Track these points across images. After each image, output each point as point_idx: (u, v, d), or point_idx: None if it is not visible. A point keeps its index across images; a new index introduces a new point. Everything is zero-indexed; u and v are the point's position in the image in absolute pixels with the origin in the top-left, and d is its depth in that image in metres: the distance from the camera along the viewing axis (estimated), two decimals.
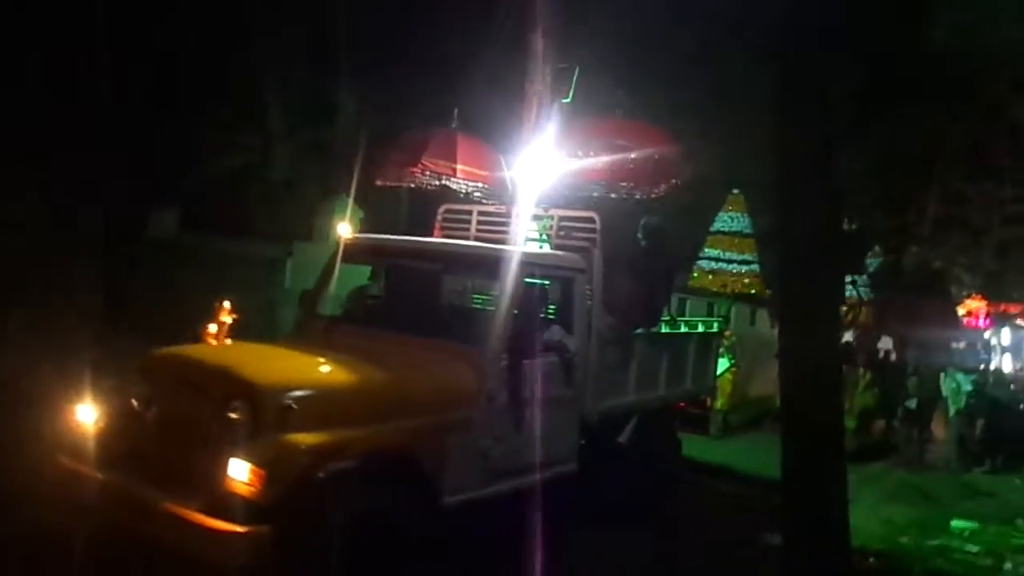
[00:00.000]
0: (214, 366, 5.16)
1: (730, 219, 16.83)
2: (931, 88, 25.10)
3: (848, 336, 17.50)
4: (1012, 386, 18.43)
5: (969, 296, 28.16)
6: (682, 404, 8.74)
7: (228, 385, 4.92)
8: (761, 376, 18.56)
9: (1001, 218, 27.53)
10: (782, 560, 5.49)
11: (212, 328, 7.76)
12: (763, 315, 19.02)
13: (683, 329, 8.54)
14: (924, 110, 25.48)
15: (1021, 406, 15.46)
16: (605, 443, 7.17)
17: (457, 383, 5.76)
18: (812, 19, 5.15)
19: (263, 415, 4.76)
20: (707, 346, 8.95)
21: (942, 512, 9.65)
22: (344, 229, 7.13)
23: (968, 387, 13.79)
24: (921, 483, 11.77)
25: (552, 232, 7.09)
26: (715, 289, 16.37)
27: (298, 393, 4.91)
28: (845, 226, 18.32)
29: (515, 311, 6.09)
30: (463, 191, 7.28)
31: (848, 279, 18.85)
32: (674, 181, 7.39)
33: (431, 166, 7.05)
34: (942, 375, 14.28)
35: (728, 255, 16.55)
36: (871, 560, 7.39)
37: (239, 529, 4.50)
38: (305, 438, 4.76)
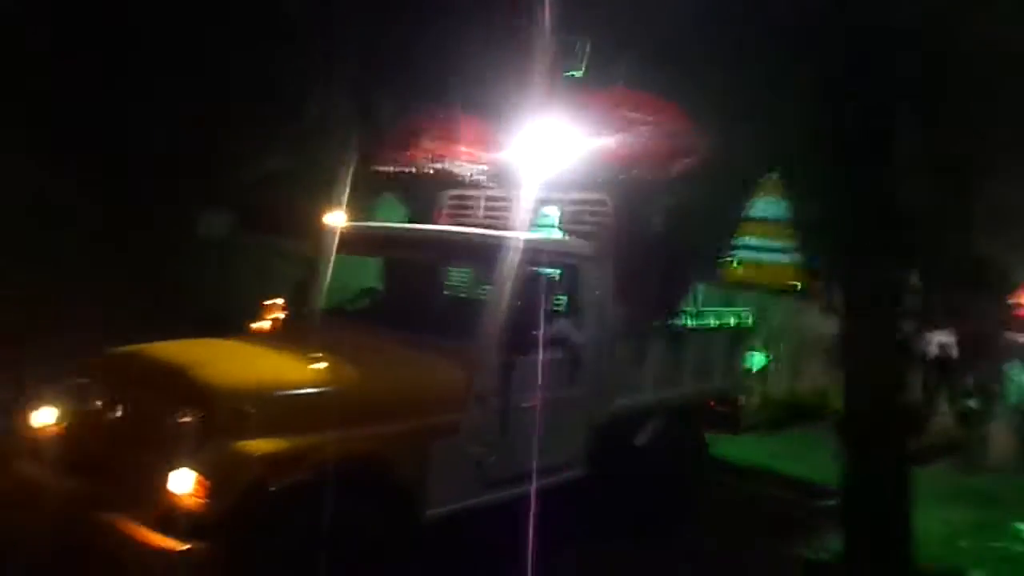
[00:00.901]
0: (168, 365, 4.55)
1: (766, 205, 15.62)
2: (984, 82, 23.70)
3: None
4: None
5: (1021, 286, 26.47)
6: (711, 403, 7.87)
7: (179, 387, 4.31)
8: (801, 373, 17.62)
9: None
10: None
11: (263, 326, 7.18)
12: (800, 308, 17.91)
13: (710, 322, 7.67)
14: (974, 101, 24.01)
15: None
16: (618, 446, 6.38)
17: (444, 383, 5.06)
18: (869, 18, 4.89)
19: (215, 420, 4.14)
20: (737, 340, 8.07)
21: (1005, 514, 8.98)
22: (336, 218, 6.47)
23: None
24: (982, 484, 10.80)
25: (563, 216, 6.34)
26: (755, 279, 15.19)
27: (256, 396, 4.28)
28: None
29: (513, 303, 5.36)
30: (467, 175, 6.57)
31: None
32: (689, 159, 6.57)
33: (432, 149, 6.38)
34: (1006, 371, 13.14)
35: (765, 243, 15.29)
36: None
37: (176, 546, 3.88)
38: (260, 445, 4.12)
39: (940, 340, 19.37)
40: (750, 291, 15.28)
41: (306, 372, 4.62)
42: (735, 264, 15.66)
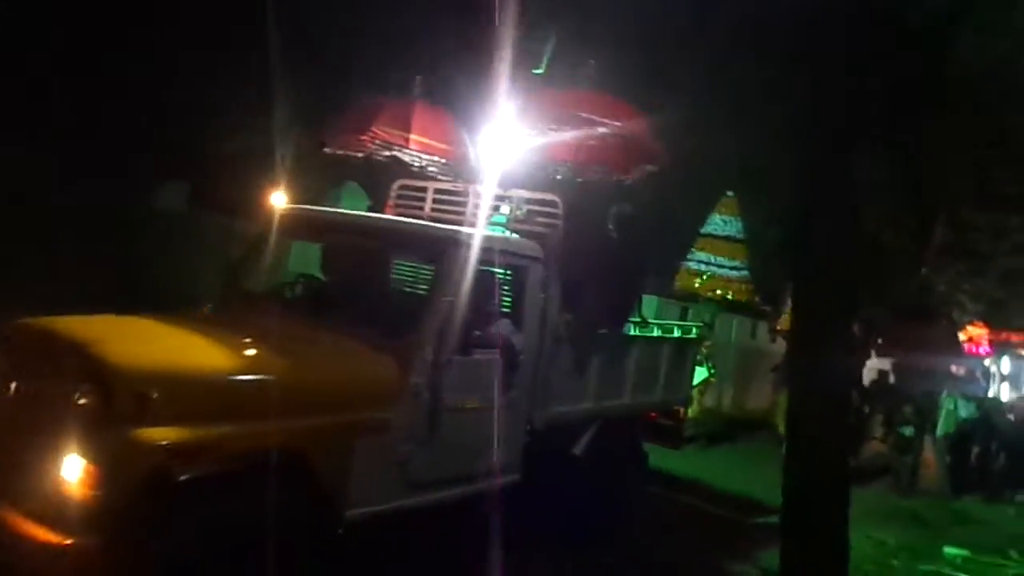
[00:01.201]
0: (68, 340, 4.14)
1: (723, 222, 15.60)
2: (943, 115, 24.10)
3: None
4: (1010, 415, 17.23)
5: (971, 323, 26.92)
6: (652, 415, 7.64)
7: (77, 364, 3.92)
8: (745, 388, 17.56)
9: (1010, 246, 26.30)
10: None
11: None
12: (745, 325, 17.87)
13: (656, 333, 7.44)
14: (936, 134, 24.43)
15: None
16: (554, 453, 6.12)
17: (373, 378, 4.73)
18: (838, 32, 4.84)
19: (115, 403, 3.76)
20: (683, 353, 7.85)
21: (934, 538, 9.16)
22: (278, 199, 6.10)
23: (963, 412, 12.93)
24: (913, 507, 11.03)
25: (514, 215, 6.05)
26: (706, 294, 15.11)
27: (161, 379, 3.89)
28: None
29: (452, 300, 5.06)
30: (416, 165, 6.25)
31: None
32: (649, 167, 6.34)
33: (382, 135, 6.05)
34: (940, 400, 13.35)
35: (719, 260, 15.30)
36: None
37: (61, 541, 3.51)
38: (162, 433, 3.75)
39: (878, 367, 19.53)
40: (701, 304, 15.20)
41: (222, 357, 4.26)
42: (689, 277, 15.61)
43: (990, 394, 21.40)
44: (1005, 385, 24.03)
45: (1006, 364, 24.71)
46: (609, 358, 6.54)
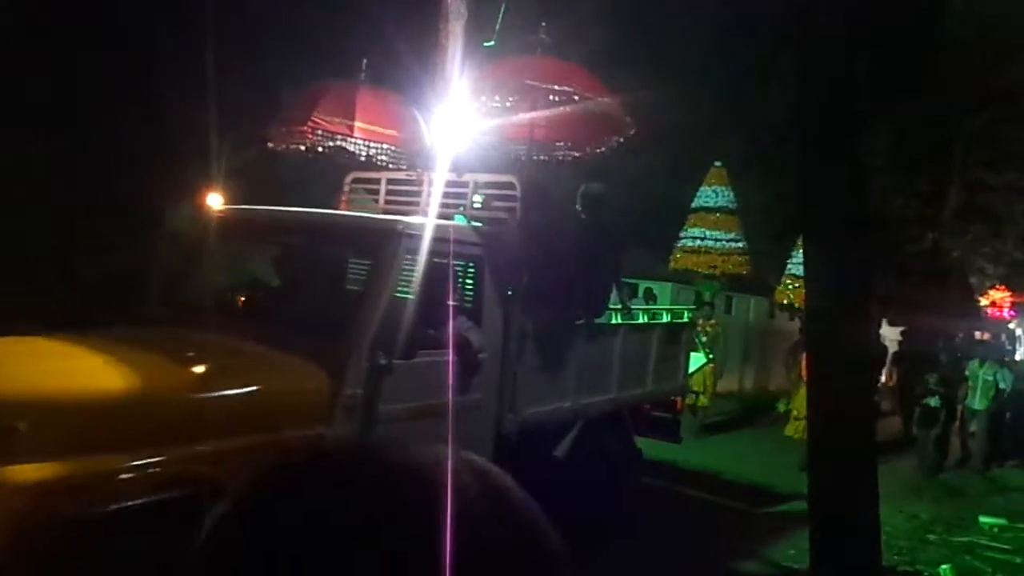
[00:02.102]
0: None
1: (714, 194, 14.62)
2: (949, 76, 23.18)
3: None
4: None
5: (993, 287, 25.80)
6: (646, 407, 6.91)
7: None
8: (760, 370, 16.70)
9: None
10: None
11: None
12: (763, 305, 16.98)
13: (641, 319, 6.72)
14: (943, 98, 23.51)
15: None
16: (532, 459, 5.41)
17: (298, 391, 4.07)
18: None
19: None
20: (674, 339, 7.10)
21: (969, 508, 8.71)
22: (214, 200, 5.46)
23: (1003, 384, 11.23)
24: (946, 479, 10.43)
25: (471, 202, 5.37)
26: (705, 271, 14.15)
27: (31, 408, 3.27)
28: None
29: (395, 297, 4.39)
30: (363, 154, 5.58)
31: None
32: (616, 139, 5.61)
33: (323, 124, 5.38)
34: (972, 368, 11.70)
35: (714, 234, 14.29)
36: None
37: None
38: (32, 471, 3.13)
39: (891, 336, 18.43)
40: (700, 283, 14.32)
41: (114, 379, 3.61)
42: (678, 255, 14.73)
43: (1017, 357, 20.24)
44: None
45: None
46: (588, 350, 5.83)
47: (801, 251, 14.58)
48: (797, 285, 13.75)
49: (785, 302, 14.68)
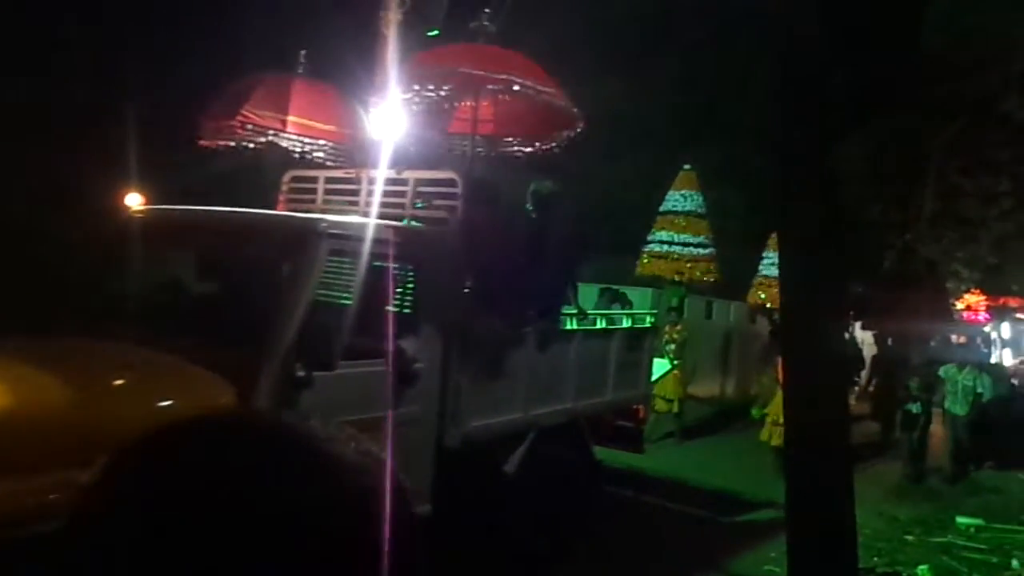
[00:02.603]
0: None
1: (683, 198, 14.16)
2: (926, 84, 23.02)
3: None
4: (1013, 380, 15.78)
5: (968, 291, 25.58)
6: (607, 417, 6.44)
7: None
8: (739, 375, 16.26)
9: (999, 212, 25.00)
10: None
11: None
12: (742, 310, 16.56)
13: (600, 325, 6.27)
14: (919, 106, 23.35)
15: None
16: (478, 473, 4.96)
17: (202, 407, 3.58)
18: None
19: None
20: (636, 345, 6.65)
21: (946, 509, 8.59)
22: (133, 200, 4.98)
23: (981, 389, 10.68)
24: (925, 482, 10.16)
25: (411, 202, 4.91)
26: (672, 276, 13.66)
27: None
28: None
29: (312, 303, 3.93)
30: (297, 150, 5.12)
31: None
32: (568, 133, 5.17)
33: (253, 118, 4.92)
34: (949, 373, 11.08)
35: (683, 238, 13.80)
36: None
37: None
38: None
39: (867, 340, 18.02)
40: (668, 288, 13.88)
41: None
42: (645, 260, 14.27)
43: (992, 360, 19.89)
44: (1007, 351, 22.63)
45: (1006, 329, 23.37)
46: (540, 358, 5.37)
47: (771, 253, 14.34)
48: (770, 286, 13.36)
49: (760, 299, 14.28)
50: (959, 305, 25.23)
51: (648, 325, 6.77)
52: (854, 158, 21.54)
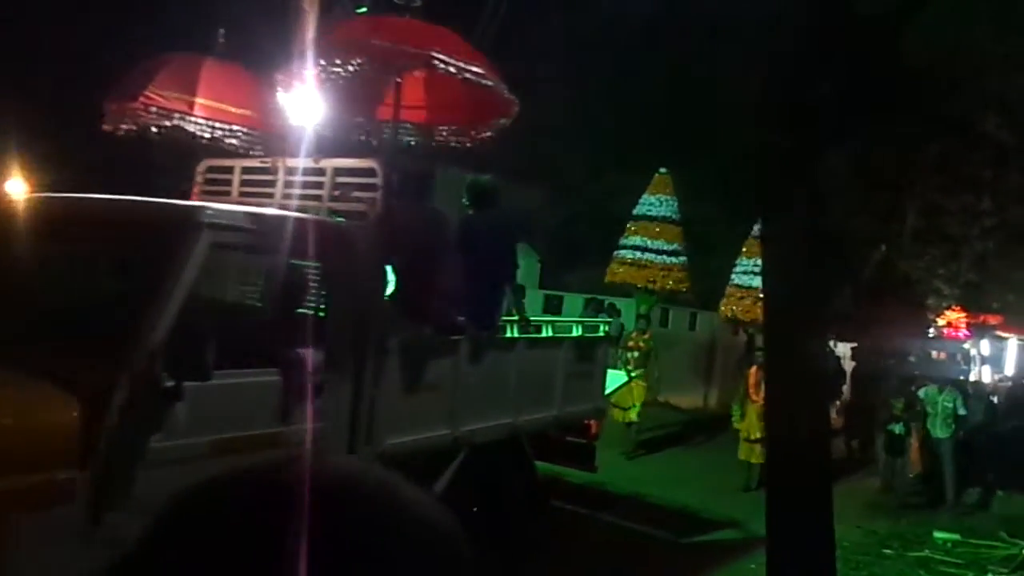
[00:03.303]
0: None
1: (657, 202, 13.49)
2: (905, 103, 22.78)
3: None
4: (993, 398, 15.13)
5: (949, 307, 25.18)
6: (556, 432, 5.81)
7: None
8: (710, 386, 15.66)
9: (980, 230, 24.64)
10: None
11: None
12: (712, 318, 15.92)
13: (547, 332, 5.64)
14: (899, 124, 23.10)
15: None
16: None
17: (38, 426, 2.96)
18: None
19: None
20: (588, 355, 5.99)
21: (925, 524, 8.45)
22: (15, 186, 4.36)
23: (963, 411, 9.94)
24: (904, 498, 9.88)
25: (328, 193, 4.30)
26: (643, 284, 12.97)
27: None
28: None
29: (190, 303, 3.31)
30: (205, 135, 4.51)
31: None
32: (504, 120, 4.57)
33: (158, 100, 4.33)
34: (930, 394, 10.26)
35: (656, 244, 13.11)
36: None
37: None
38: None
39: (845, 353, 17.45)
40: (638, 296, 13.24)
41: None
42: (617, 268, 13.62)
43: (972, 377, 19.25)
44: (986, 367, 22.11)
45: (985, 346, 22.85)
46: (473, 369, 4.74)
47: (744, 260, 13.75)
48: (741, 296, 12.73)
49: (729, 315, 13.60)
50: (940, 322, 24.84)
51: (601, 334, 6.13)
52: (838, 173, 21.23)
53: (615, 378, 6.90)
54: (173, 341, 3.19)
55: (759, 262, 12.59)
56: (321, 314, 3.97)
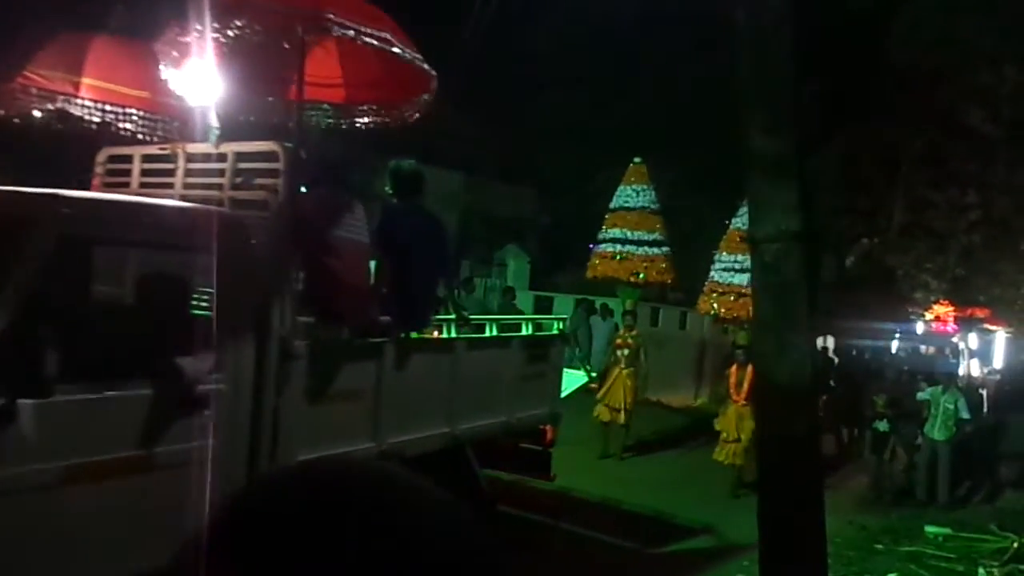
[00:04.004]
0: None
1: (634, 192, 12.82)
2: (891, 97, 22.32)
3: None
4: (982, 391, 14.49)
5: (936, 301, 24.60)
6: (509, 440, 5.20)
7: None
8: (701, 385, 15.03)
9: (967, 224, 24.06)
10: None
11: None
12: (704, 317, 15.28)
13: (491, 332, 5.03)
14: (885, 119, 22.62)
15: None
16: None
17: None
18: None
19: None
20: (540, 356, 5.32)
21: (916, 519, 8.24)
22: None
23: (964, 413, 9.32)
24: (891, 494, 9.50)
25: (230, 181, 3.70)
26: (626, 278, 12.27)
27: None
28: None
29: (29, 307, 2.72)
30: (95, 119, 3.93)
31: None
32: (426, 96, 3.98)
33: (39, 81, 3.75)
34: (929, 393, 9.60)
35: (636, 235, 12.42)
36: None
37: None
38: None
39: (825, 344, 16.81)
40: (622, 291, 12.55)
41: None
42: (596, 261, 12.94)
43: (960, 372, 18.57)
44: (974, 361, 21.51)
45: (973, 340, 22.25)
46: (400, 373, 4.13)
47: (724, 256, 13.11)
48: (721, 292, 12.08)
49: (711, 312, 12.93)
50: (928, 316, 24.30)
51: (556, 333, 5.51)
52: (824, 170, 20.69)
53: (574, 379, 6.27)
54: (2, 352, 2.61)
55: (738, 258, 12.08)
56: (207, 316, 3.37)
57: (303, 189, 3.81)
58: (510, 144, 20.92)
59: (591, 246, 12.90)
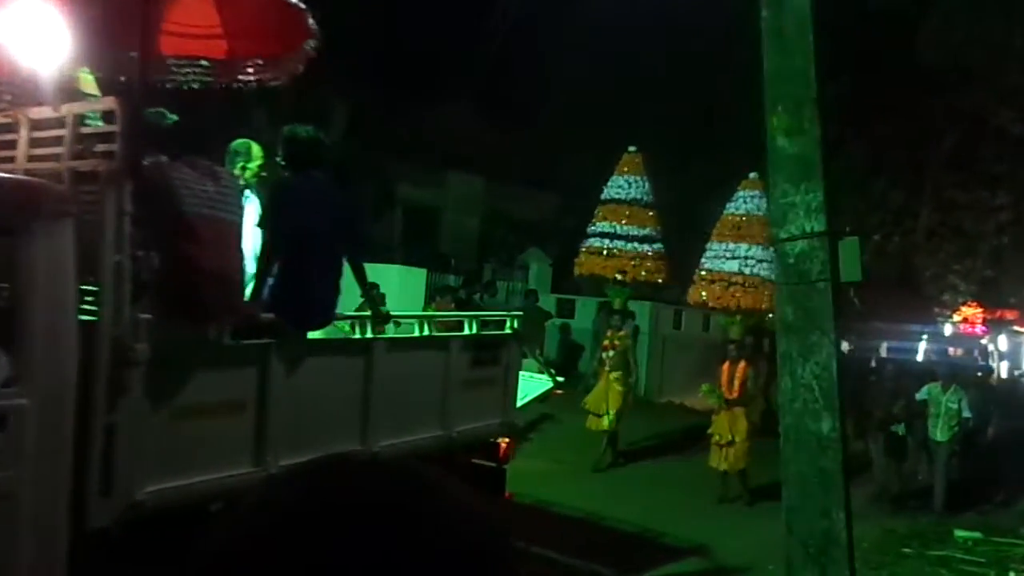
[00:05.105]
0: None
1: (626, 183, 11.65)
2: (922, 96, 21.12)
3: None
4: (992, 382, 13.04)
5: (965, 303, 23.16)
6: (459, 455, 4.25)
7: None
8: (692, 388, 13.81)
9: (995, 225, 22.60)
10: None
11: None
12: (706, 318, 14.04)
13: (422, 331, 4.10)
14: (913, 119, 21.38)
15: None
16: (166, 564, 2.84)
17: None
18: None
19: None
20: (489, 359, 4.33)
21: (945, 523, 7.65)
22: None
23: (967, 412, 8.35)
24: (920, 494, 8.71)
25: (71, 149, 2.87)
26: (614, 275, 11.11)
27: None
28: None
29: None
30: None
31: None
32: (308, 46, 3.11)
33: None
34: (935, 394, 8.52)
35: (626, 229, 11.24)
36: None
37: None
38: None
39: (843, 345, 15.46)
40: (611, 288, 11.41)
41: None
42: (582, 258, 11.78)
43: (993, 376, 17.01)
44: (1004, 363, 19.95)
45: (1003, 342, 20.68)
46: (294, 381, 3.23)
47: (715, 244, 11.92)
48: (712, 281, 10.91)
49: (701, 297, 11.68)
50: (956, 317, 22.90)
51: (508, 332, 4.52)
52: (854, 170, 19.47)
53: (534, 384, 5.27)
54: None
55: (730, 246, 10.93)
56: (7, 312, 2.52)
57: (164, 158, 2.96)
58: (533, 148, 20.19)
59: (583, 241, 11.84)
